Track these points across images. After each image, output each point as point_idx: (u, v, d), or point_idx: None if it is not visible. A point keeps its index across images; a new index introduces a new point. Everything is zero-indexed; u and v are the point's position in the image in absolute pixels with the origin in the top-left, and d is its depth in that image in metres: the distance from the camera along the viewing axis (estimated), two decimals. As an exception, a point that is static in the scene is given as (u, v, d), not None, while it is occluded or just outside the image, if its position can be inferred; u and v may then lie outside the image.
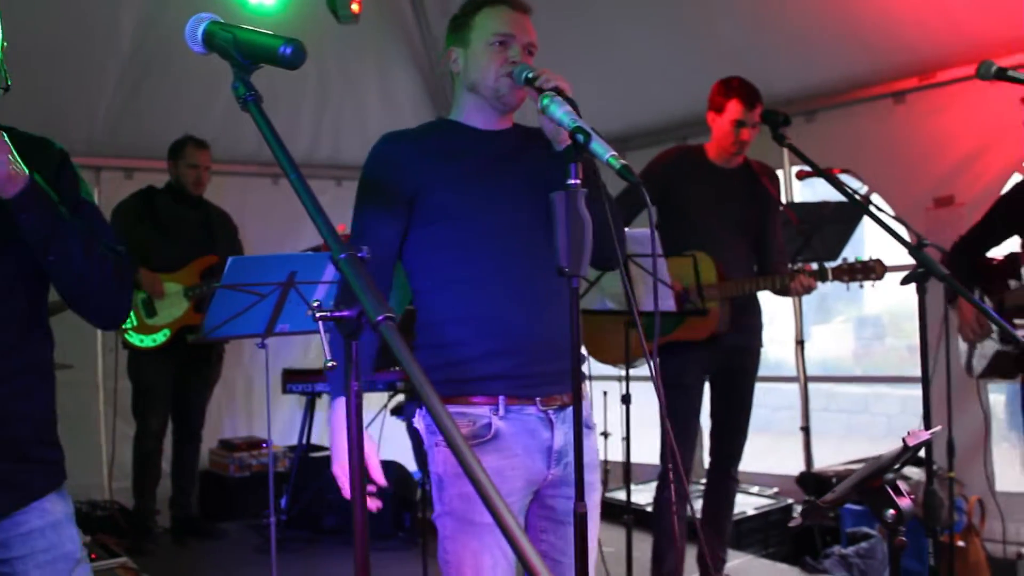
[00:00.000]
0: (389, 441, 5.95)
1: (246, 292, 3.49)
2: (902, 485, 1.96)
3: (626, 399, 3.85)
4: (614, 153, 1.86)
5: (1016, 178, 4.88)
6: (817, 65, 5.35)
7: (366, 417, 4.98)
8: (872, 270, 3.60)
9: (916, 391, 9.22)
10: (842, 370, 11.40)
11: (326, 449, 6.19)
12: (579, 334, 1.97)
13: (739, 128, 3.90)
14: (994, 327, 3.81)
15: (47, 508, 2.01)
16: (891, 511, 1.93)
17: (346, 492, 2.19)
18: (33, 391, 2.02)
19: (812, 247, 4.88)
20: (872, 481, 1.92)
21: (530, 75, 2.18)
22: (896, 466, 1.94)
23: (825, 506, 1.94)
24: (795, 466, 5.68)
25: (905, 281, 2.65)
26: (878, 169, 5.18)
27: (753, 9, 5.32)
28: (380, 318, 1.26)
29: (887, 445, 6.34)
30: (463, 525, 2.24)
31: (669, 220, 3.97)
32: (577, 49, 5.61)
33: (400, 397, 5.86)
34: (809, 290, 3.77)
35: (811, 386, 5.88)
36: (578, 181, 1.93)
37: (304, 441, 5.73)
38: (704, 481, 4.35)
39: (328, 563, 5.03)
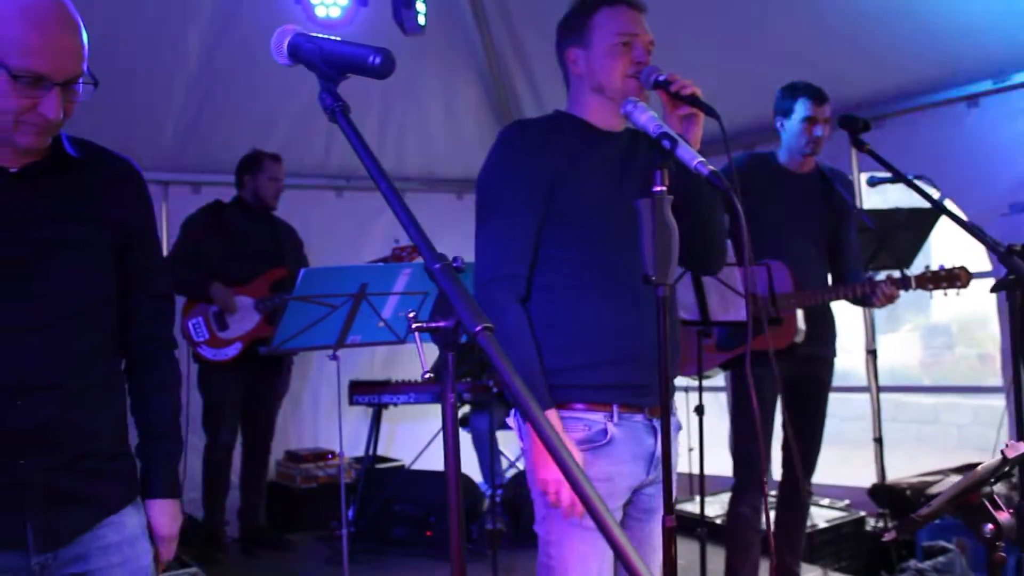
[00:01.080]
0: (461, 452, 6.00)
1: (318, 304, 3.51)
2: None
3: (699, 410, 3.80)
4: (702, 160, 1.83)
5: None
6: (886, 68, 5.25)
7: (429, 430, 5.00)
8: (957, 278, 3.50)
9: (988, 401, 9.04)
10: (910, 380, 11.18)
11: (393, 460, 6.22)
12: (667, 343, 1.95)
13: (810, 125, 3.84)
14: None
15: (124, 522, 2.03)
16: (989, 526, 1.86)
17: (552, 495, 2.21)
18: (104, 406, 2.03)
19: (885, 254, 4.79)
20: (969, 495, 1.86)
21: (661, 79, 2.18)
22: (993, 480, 1.88)
23: (921, 520, 1.88)
24: (866, 477, 5.57)
25: (995, 289, 2.58)
26: (951, 175, 5.06)
27: (816, 11, 5.23)
28: (478, 328, 1.25)
29: (959, 456, 6.22)
30: (572, 529, 2.25)
31: (750, 231, 3.90)
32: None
33: (466, 408, 5.87)
34: (892, 300, 3.68)
35: (881, 396, 5.77)
36: (664, 188, 1.91)
37: (371, 452, 5.74)
38: (776, 494, 4.28)
39: (396, 574, 5.03)
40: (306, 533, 5.80)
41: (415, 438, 6.02)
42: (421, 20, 4.57)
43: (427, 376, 1.42)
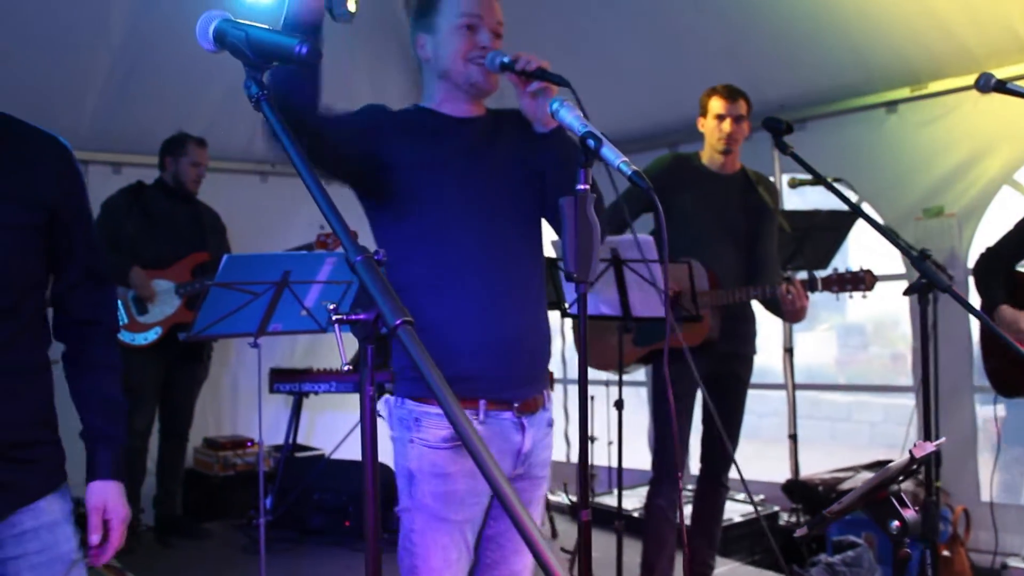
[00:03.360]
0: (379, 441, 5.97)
1: (240, 291, 3.47)
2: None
3: (619, 404, 3.84)
4: (625, 159, 1.84)
5: (1006, 191, 4.92)
6: (809, 73, 5.36)
7: (350, 420, 4.95)
8: (862, 281, 3.59)
9: (899, 400, 9.27)
10: (826, 377, 11.44)
11: (312, 449, 6.18)
12: (586, 340, 1.97)
13: (720, 122, 3.93)
14: None
15: (42, 508, 1.98)
16: (896, 523, 1.92)
17: None
18: (22, 393, 1.97)
19: (803, 254, 4.90)
20: (878, 492, 1.92)
21: (506, 60, 2.15)
22: (901, 478, 1.94)
23: (832, 516, 1.93)
24: (780, 473, 5.69)
25: (908, 292, 2.65)
26: (869, 179, 5.20)
27: (743, 15, 5.31)
28: (397, 322, 1.25)
29: (871, 453, 6.36)
30: (436, 522, 2.25)
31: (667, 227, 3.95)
32: (560, 52, 5.58)
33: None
34: (801, 303, 3.73)
35: (797, 393, 5.90)
36: (587, 186, 1.92)
37: (290, 441, 5.70)
38: (692, 488, 4.35)
39: (314, 564, 5.00)
40: (223, 522, 5.73)
41: (335, 427, 5.98)
42: (351, 6, 4.49)
43: (347, 368, 1.41)
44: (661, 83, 5.84)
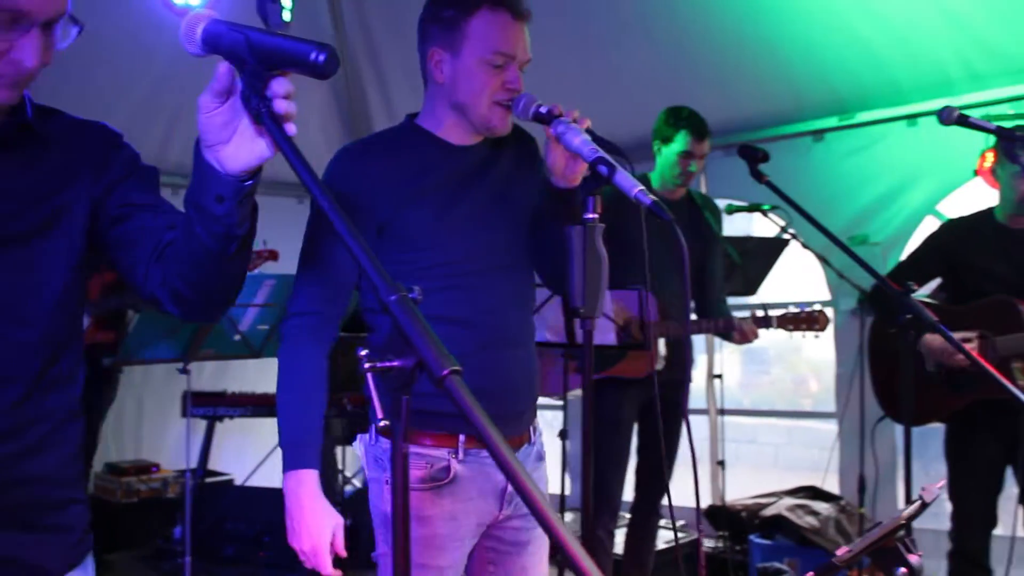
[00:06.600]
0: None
1: (170, 315, 3.26)
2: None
3: (563, 434, 3.76)
4: (642, 188, 1.74)
5: (929, 221, 5.00)
6: (739, 99, 5.36)
7: (260, 445, 4.73)
8: (816, 321, 3.59)
9: (802, 423, 9.47)
10: (730, 401, 11.60)
11: (223, 475, 5.91)
12: (590, 374, 1.87)
13: (687, 159, 3.84)
14: None
15: None
16: (902, 569, 1.87)
17: (310, 564, 2.07)
18: (55, 441, 1.62)
19: (733, 280, 4.89)
20: (886, 540, 1.86)
21: (543, 111, 1.98)
22: (911, 523, 1.89)
23: (840, 563, 1.86)
24: (697, 498, 5.66)
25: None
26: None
27: (676, 39, 5.28)
28: (444, 372, 1.11)
29: (775, 475, 6.42)
30: (415, 569, 2.11)
31: (612, 253, 3.88)
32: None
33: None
34: (751, 338, 3.72)
35: (699, 416, 5.91)
36: (596, 215, 1.82)
37: (202, 467, 5.44)
38: (629, 517, 4.29)
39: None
40: (127, 552, 5.42)
41: (244, 452, 5.75)
42: (287, 16, 4.35)
43: (382, 424, 1.26)
44: (591, 102, 5.78)
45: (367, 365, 1.24)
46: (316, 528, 2.05)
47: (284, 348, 2.13)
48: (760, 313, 3.67)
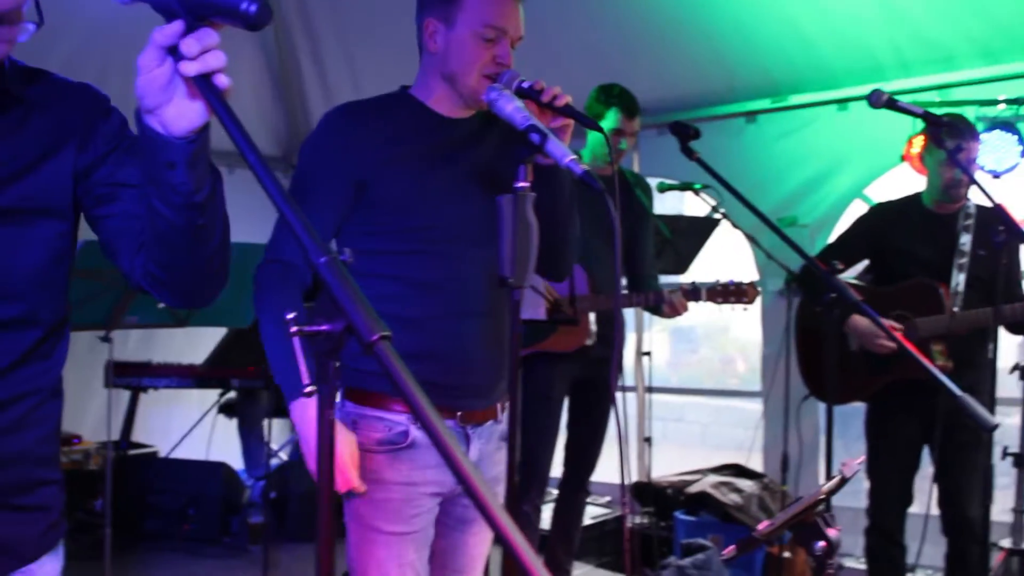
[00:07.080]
0: (218, 441, 5.67)
1: (92, 279, 3.18)
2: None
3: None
4: (574, 157, 1.72)
5: (857, 204, 5.08)
6: (672, 78, 5.38)
7: (184, 417, 4.67)
8: (745, 293, 3.61)
9: (729, 402, 9.61)
10: (659, 379, 11.75)
11: (146, 446, 5.81)
12: (518, 347, 1.85)
13: (617, 137, 3.83)
14: None
15: (34, 572, 1.60)
16: (821, 543, 1.90)
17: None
18: (32, 421, 1.57)
19: (664, 259, 4.92)
20: (806, 515, 1.89)
21: (525, 86, 1.99)
22: (831, 499, 1.92)
23: (761, 538, 1.89)
24: (619, 475, 5.70)
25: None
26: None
27: (609, 14, 5.28)
28: (374, 337, 1.08)
29: (703, 453, 6.50)
30: (367, 532, 2.15)
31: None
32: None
33: (231, 395, 5.58)
34: (680, 311, 3.75)
35: (627, 393, 5.94)
36: (526, 184, 1.80)
37: (125, 439, 5.34)
38: (556, 492, 4.31)
39: (151, 569, 4.70)
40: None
41: (168, 424, 5.66)
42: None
43: (309, 390, 1.24)
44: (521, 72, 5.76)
45: (294, 329, 1.22)
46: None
47: (258, 294, 2.15)
48: (689, 286, 3.70)
